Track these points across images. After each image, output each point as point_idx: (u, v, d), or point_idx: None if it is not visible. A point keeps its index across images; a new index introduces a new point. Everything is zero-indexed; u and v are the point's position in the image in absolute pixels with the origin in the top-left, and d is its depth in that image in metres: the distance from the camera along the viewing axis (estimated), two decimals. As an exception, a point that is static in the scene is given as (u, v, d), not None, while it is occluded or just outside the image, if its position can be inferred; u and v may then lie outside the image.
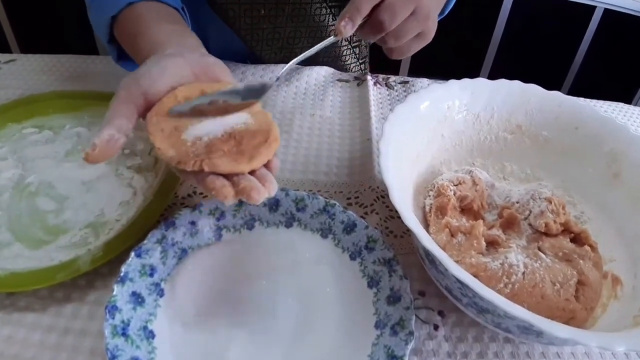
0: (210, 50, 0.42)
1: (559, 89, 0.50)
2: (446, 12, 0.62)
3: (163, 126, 0.33)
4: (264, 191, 0.31)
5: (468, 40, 1.26)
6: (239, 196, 0.30)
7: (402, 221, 0.34)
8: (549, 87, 0.51)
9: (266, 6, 0.63)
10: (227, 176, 0.31)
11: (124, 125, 0.32)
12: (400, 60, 1.16)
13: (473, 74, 0.51)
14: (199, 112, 0.34)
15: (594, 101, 0.70)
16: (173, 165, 0.31)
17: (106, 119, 0.32)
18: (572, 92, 0.58)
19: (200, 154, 0.31)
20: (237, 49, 0.67)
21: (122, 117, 0.32)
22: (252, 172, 0.32)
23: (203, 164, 0.30)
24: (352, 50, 0.75)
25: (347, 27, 0.39)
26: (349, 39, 0.74)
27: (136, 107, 0.33)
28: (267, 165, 0.33)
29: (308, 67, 0.68)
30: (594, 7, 1.14)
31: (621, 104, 0.71)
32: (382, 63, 0.88)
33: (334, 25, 0.70)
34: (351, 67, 0.76)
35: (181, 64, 0.36)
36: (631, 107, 0.72)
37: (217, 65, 0.38)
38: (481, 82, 0.49)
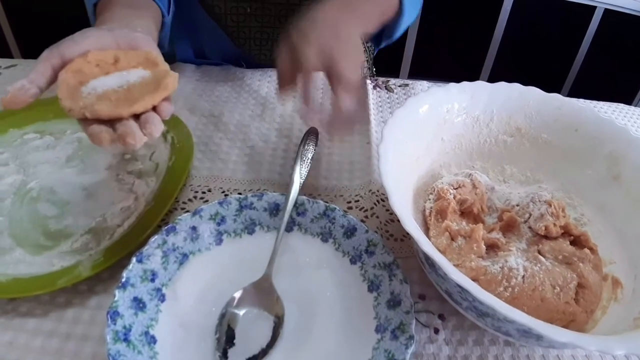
0: (206, 52, 0.43)
1: (559, 90, 0.50)
2: (395, 37, 0.64)
3: (70, 81, 0.35)
4: (140, 136, 0.32)
5: (468, 41, 1.26)
6: (115, 142, 0.32)
7: (402, 225, 0.34)
8: (549, 87, 0.51)
9: (252, 4, 0.63)
10: (112, 123, 0.33)
11: (37, 79, 0.35)
12: (400, 63, 1.17)
13: (473, 75, 0.51)
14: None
15: (594, 102, 0.71)
16: (67, 113, 0.33)
17: None
18: (573, 92, 0.58)
19: (89, 104, 0.33)
20: (230, 50, 0.67)
21: (37, 72, 0.35)
22: (138, 117, 0.34)
23: (85, 111, 0.33)
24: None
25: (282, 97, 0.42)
26: None
27: (52, 66, 0.36)
28: (156, 110, 0.34)
29: (307, 71, 0.68)
30: (594, 8, 1.14)
31: (621, 105, 0.71)
32: (381, 65, 0.89)
33: None
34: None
35: (104, 34, 0.39)
36: (631, 108, 0.72)
37: (142, 39, 0.40)
38: (480, 85, 0.49)
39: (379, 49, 0.85)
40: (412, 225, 0.34)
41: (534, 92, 0.50)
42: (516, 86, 0.50)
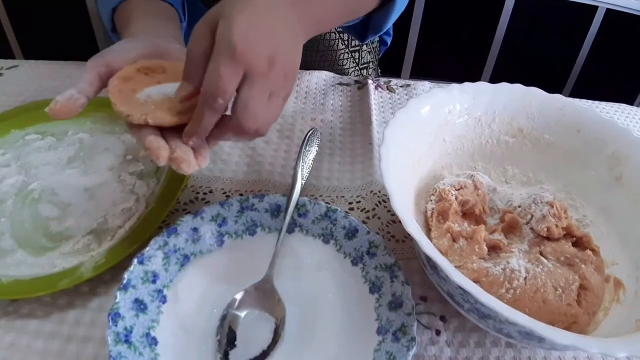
0: None
1: (561, 90, 0.50)
2: (382, 30, 0.60)
3: (121, 88, 0.36)
4: (194, 165, 0.33)
5: (470, 41, 1.26)
6: (171, 163, 0.32)
7: (404, 226, 0.34)
8: (551, 87, 0.50)
9: None
10: (162, 132, 0.34)
11: (85, 88, 0.35)
12: (402, 63, 1.16)
13: (475, 75, 0.51)
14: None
15: (596, 102, 0.70)
16: (124, 118, 0.34)
17: None
18: (574, 92, 0.58)
19: (149, 110, 0.34)
20: None
21: (85, 82, 0.36)
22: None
23: (148, 118, 0.33)
24: (350, 55, 0.75)
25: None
26: (345, 42, 0.74)
27: (99, 74, 0.36)
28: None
29: (308, 72, 0.68)
30: (596, 8, 1.14)
31: (623, 105, 0.71)
32: (383, 65, 0.89)
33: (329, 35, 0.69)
34: (349, 72, 0.76)
35: (144, 45, 0.40)
36: (634, 108, 0.71)
37: (179, 51, 0.40)
38: (482, 86, 0.49)
39: (386, 49, 0.85)
40: (413, 227, 0.34)
41: (536, 92, 0.50)
42: (518, 87, 0.50)
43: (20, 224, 0.45)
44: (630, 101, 0.78)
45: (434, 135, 0.48)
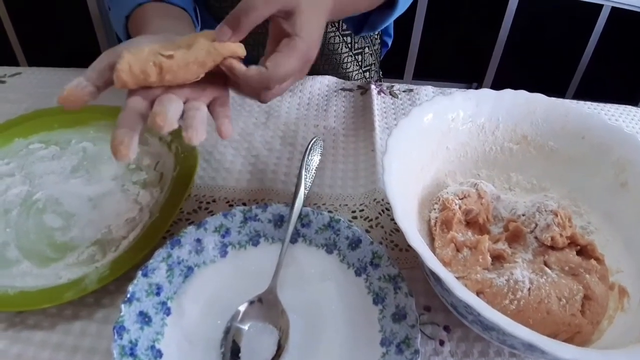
0: None
1: (565, 90, 0.50)
2: (378, 28, 0.63)
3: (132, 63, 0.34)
4: (170, 121, 0.32)
5: (473, 42, 1.25)
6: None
7: (407, 240, 0.34)
8: (555, 88, 0.50)
9: None
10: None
11: (93, 77, 0.34)
12: (404, 64, 1.16)
13: (478, 76, 0.50)
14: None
15: (601, 105, 0.70)
16: (135, 74, 0.33)
17: None
18: (579, 92, 0.58)
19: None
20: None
21: (95, 71, 0.35)
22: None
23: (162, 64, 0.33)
24: (353, 58, 0.75)
25: (224, 34, 0.35)
26: (349, 45, 0.74)
27: (109, 65, 0.35)
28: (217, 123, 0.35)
29: (311, 77, 0.67)
30: (601, 6, 1.13)
31: (629, 107, 0.71)
32: (385, 67, 0.88)
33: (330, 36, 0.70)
34: (353, 75, 0.76)
35: (156, 37, 0.39)
36: (639, 110, 0.71)
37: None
38: (485, 93, 0.49)
39: (387, 51, 0.85)
40: (417, 240, 0.34)
41: (540, 99, 0.49)
42: (522, 93, 0.49)
43: (25, 235, 0.45)
44: (635, 100, 0.78)
45: (437, 143, 0.48)
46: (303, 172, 0.47)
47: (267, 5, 0.35)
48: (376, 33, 0.78)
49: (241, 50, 0.36)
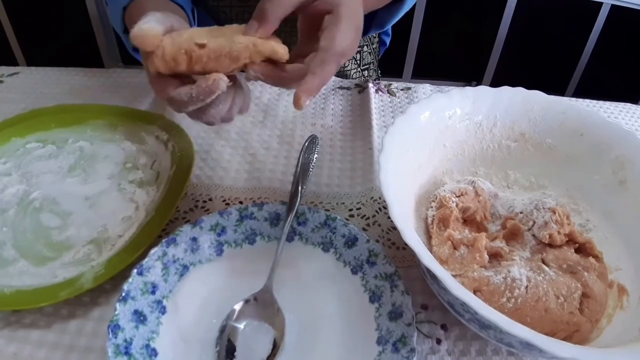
0: None
1: (565, 87, 0.50)
2: (386, 27, 0.62)
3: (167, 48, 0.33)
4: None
5: (472, 39, 1.25)
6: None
7: (403, 239, 0.33)
8: (555, 86, 0.50)
9: None
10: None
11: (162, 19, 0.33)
12: (403, 63, 1.16)
13: (478, 73, 0.50)
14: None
15: (600, 102, 0.69)
16: (167, 60, 0.32)
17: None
18: (578, 90, 0.57)
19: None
20: None
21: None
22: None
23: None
24: (352, 56, 0.75)
25: (251, 27, 0.33)
26: None
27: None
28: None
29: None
30: (601, 4, 1.12)
31: (628, 105, 0.70)
32: (384, 65, 0.88)
33: None
34: (351, 73, 0.76)
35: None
36: (639, 107, 0.70)
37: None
38: (483, 90, 0.48)
39: (385, 50, 0.84)
40: (413, 238, 0.33)
41: (538, 96, 0.49)
42: (520, 90, 0.49)
43: (22, 234, 0.45)
44: (635, 98, 0.77)
45: (435, 141, 0.47)
46: (300, 171, 0.47)
47: None
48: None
49: (282, 51, 0.34)
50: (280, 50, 0.34)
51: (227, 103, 0.35)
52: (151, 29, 0.31)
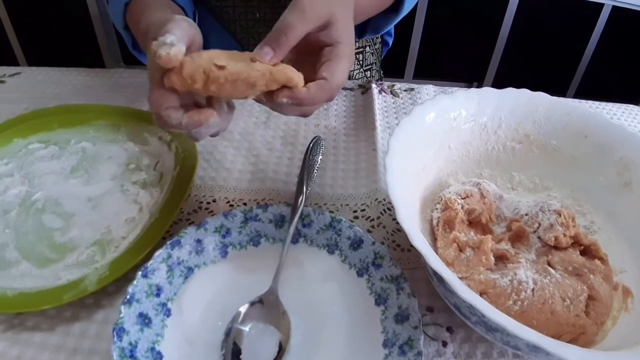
0: None
1: (567, 89, 0.49)
2: (381, 31, 0.63)
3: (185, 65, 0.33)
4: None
5: (474, 40, 1.25)
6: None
7: (410, 240, 0.33)
8: (557, 87, 0.50)
9: (261, 10, 0.62)
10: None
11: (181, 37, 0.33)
12: (405, 63, 1.16)
13: (480, 74, 0.50)
14: None
15: (603, 104, 0.69)
16: (184, 77, 0.32)
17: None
18: (580, 91, 0.57)
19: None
20: None
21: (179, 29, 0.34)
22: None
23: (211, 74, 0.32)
24: (354, 57, 0.74)
25: (265, 54, 0.34)
26: None
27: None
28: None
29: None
30: (602, 5, 1.12)
31: (631, 106, 0.70)
32: (386, 66, 0.88)
33: None
34: (354, 74, 0.76)
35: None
36: (642, 109, 0.70)
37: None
38: (488, 92, 0.48)
39: (388, 50, 0.84)
40: (419, 240, 0.33)
41: (543, 98, 0.49)
42: (524, 92, 0.49)
43: (24, 235, 0.45)
44: (636, 98, 0.77)
45: (439, 143, 0.47)
46: (304, 171, 0.47)
47: (304, 22, 0.35)
48: None
49: (298, 79, 0.34)
50: (296, 78, 0.34)
51: (213, 129, 0.37)
52: (178, 52, 0.32)
